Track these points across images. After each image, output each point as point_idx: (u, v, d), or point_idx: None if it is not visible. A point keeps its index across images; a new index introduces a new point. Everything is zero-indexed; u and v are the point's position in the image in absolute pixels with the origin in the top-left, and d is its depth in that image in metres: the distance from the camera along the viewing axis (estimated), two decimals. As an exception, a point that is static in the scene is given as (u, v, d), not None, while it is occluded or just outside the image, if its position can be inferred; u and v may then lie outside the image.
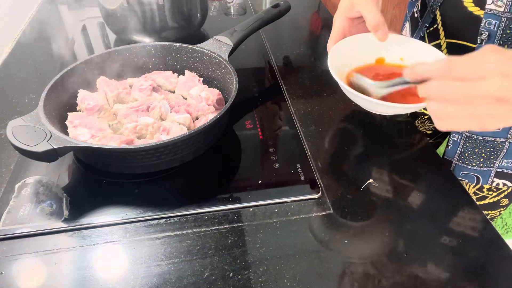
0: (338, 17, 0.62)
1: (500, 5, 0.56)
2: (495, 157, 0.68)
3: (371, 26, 0.57)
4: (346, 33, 0.62)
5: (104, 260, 0.46)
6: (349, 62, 0.63)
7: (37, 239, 0.48)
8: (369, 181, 0.56)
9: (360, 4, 0.57)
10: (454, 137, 0.70)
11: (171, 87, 0.69)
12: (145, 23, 0.81)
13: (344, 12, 0.61)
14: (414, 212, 0.52)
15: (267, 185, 0.56)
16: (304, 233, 0.50)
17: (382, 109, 0.59)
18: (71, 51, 0.87)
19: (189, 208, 0.52)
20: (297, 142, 0.63)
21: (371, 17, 0.56)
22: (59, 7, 1.05)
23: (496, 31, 0.57)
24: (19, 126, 0.50)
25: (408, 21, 0.79)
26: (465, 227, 0.51)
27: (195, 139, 0.54)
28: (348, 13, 0.60)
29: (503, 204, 0.76)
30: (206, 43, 0.70)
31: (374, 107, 0.58)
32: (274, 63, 0.84)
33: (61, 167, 0.57)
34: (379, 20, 0.56)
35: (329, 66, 0.57)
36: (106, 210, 0.51)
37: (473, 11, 0.59)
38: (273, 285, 0.44)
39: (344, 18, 0.61)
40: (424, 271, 0.46)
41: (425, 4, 0.71)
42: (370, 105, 0.57)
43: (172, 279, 0.44)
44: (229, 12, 1.06)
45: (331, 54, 0.60)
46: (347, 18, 0.61)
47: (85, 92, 0.63)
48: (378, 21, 0.56)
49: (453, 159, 0.72)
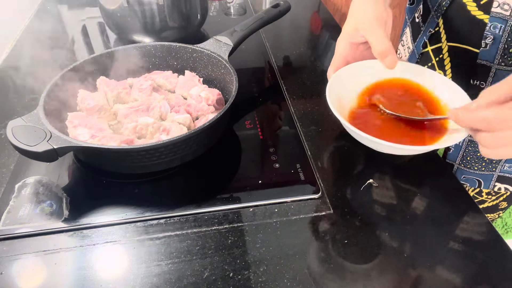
0: (341, 41, 0.57)
1: (507, 8, 0.55)
2: (497, 161, 0.68)
3: (378, 52, 0.52)
4: (349, 59, 0.58)
5: (104, 260, 0.46)
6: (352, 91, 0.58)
7: (37, 239, 0.48)
8: (369, 181, 0.56)
9: (365, 28, 0.52)
10: None
11: (171, 87, 0.69)
12: (145, 23, 0.81)
13: (347, 37, 0.56)
14: (414, 212, 0.52)
15: (267, 185, 0.56)
16: (304, 233, 0.50)
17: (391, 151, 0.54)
18: (71, 51, 0.87)
19: (189, 208, 0.52)
20: (297, 142, 0.63)
21: (378, 43, 0.51)
22: (59, 7, 1.05)
23: (502, 35, 0.56)
24: (19, 126, 0.50)
25: (408, 27, 0.77)
26: (465, 227, 0.51)
27: (195, 139, 0.54)
28: (352, 38, 0.55)
29: (502, 207, 0.76)
30: (206, 43, 0.70)
31: (382, 148, 0.53)
32: (274, 63, 0.84)
33: (61, 167, 0.57)
34: (387, 46, 0.51)
35: (327, 97, 0.52)
36: (106, 210, 0.51)
37: (477, 15, 0.58)
38: (273, 285, 0.44)
39: (348, 43, 0.56)
40: (424, 271, 0.46)
41: (428, 9, 0.69)
42: (378, 147, 0.53)
43: (172, 279, 0.44)
44: (229, 12, 1.06)
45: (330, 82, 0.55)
46: (351, 44, 0.56)
47: (85, 92, 0.63)
48: (385, 48, 0.51)
49: (455, 162, 0.72)
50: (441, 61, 0.67)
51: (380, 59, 0.52)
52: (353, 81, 0.58)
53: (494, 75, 0.60)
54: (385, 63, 0.52)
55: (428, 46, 0.69)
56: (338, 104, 0.55)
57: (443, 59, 0.66)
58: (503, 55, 0.57)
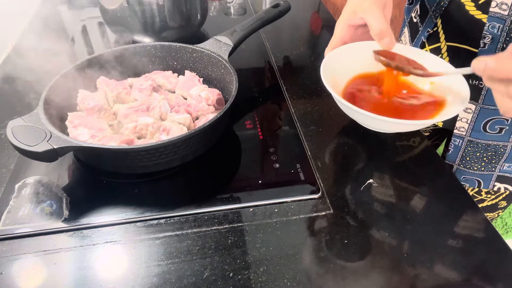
0: (340, 24, 0.57)
1: (505, 8, 0.55)
2: (496, 161, 0.68)
3: (376, 33, 0.52)
4: (347, 41, 0.58)
5: (104, 260, 0.46)
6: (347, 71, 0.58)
7: (37, 239, 0.48)
8: (369, 181, 0.56)
9: (364, 10, 0.52)
10: (455, 141, 0.69)
11: (171, 87, 0.69)
12: (145, 23, 0.81)
13: (346, 19, 0.56)
14: (414, 211, 0.52)
15: (267, 185, 0.56)
16: (304, 233, 0.50)
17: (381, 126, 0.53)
18: (71, 51, 0.87)
19: (189, 208, 0.52)
20: (297, 142, 0.63)
21: (376, 24, 0.51)
22: (59, 7, 1.05)
23: (500, 34, 0.56)
24: (19, 126, 0.50)
25: (406, 27, 0.77)
26: (465, 227, 0.51)
27: (195, 139, 0.54)
28: (351, 20, 0.56)
29: (501, 206, 0.76)
30: (206, 43, 0.70)
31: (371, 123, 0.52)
32: (274, 63, 0.84)
33: (61, 167, 0.57)
34: (384, 27, 0.51)
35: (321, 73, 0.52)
36: (106, 210, 0.51)
37: (475, 15, 0.58)
38: (273, 285, 0.44)
39: (346, 25, 0.57)
40: (424, 271, 0.46)
41: (425, 9, 0.69)
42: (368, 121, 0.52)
43: (172, 279, 0.44)
44: (229, 12, 1.06)
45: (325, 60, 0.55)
46: (349, 26, 0.57)
47: (85, 92, 0.63)
48: (383, 28, 0.51)
49: (454, 163, 0.72)
50: None
51: (378, 40, 0.53)
52: (349, 60, 0.57)
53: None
54: (382, 44, 0.53)
55: (427, 45, 0.69)
56: (333, 82, 0.55)
57: (442, 58, 0.66)
58: None
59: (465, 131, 0.66)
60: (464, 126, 0.66)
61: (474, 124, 0.65)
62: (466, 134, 0.67)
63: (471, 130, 0.66)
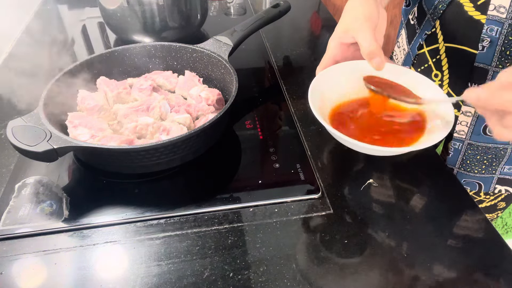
0: (332, 42, 0.58)
1: (503, 11, 0.55)
2: (497, 163, 0.68)
3: (366, 53, 0.52)
4: (339, 59, 0.58)
5: (104, 260, 0.46)
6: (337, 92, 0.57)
7: (37, 239, 0.48)
8: (369, 181, 0.56)
9: (355, 30, 0.53)
10: (455, 145, 0.68)
11: (171, 87, 0.69)
12: (145, 23, 0.81)
13: (338, 37, 0.57)
14: (414, 211, 0.52)
15: (267, 185, 0.56)
16: (304, 233, 0.50)
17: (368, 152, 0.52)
18: (71, 51, 0.87)
19: (189, 208, 0.52)
20: (297, 142, 0.63)
21: (366, 45, 0.52)
22: (59, 7, 1.05)
23: (498, 37, 0.56)
24: (19, 126, 0.50)
25: (404, 28, 0.77)
26: (465, 227, 0.51)
27: (195, 139, 0.54)
28: (343, 38, 0.56)
29: (500, 207, 0.76)
30: (206, 43, 0.70)
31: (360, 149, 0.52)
32: (274, 63, 0.84)
33: (61, 167, 0.57)
34: (374, 48, 0.51)
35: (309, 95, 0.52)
36: (106, 210, 0.51)
37: (474, 16, 0.58)
38: (273, 285, 0.44)
39: (338, 43, 0.57)
40: (424, 271, 0.46)
41: (423, 11, 0.68)
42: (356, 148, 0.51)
43: (172, 279, 0.44)
44: (229, 12, 1.06)
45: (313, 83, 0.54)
46: (341, 44, 0.57)
47: (85, 92, 0.63)
48: (372, 49, 0.51)
49: (455, 167, 0.71)
50: (438, 62, 0.67)
51: (368, 60, 0.53)
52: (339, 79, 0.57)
53: (492, 78, 0.60)
54: (372, 64, 0.53)
55: (424, 47, 0.69)
56: (321, 102, 0.55)
57: (440, 60, 0.66)
58: (500, 57, 0.57)
59: (465, 134, 0.66)
60: (464, 130, 0.66)
61: (474, 127, 0.65)
62: (466, 138, 0.66)
63: (471, 133, 0.66)
